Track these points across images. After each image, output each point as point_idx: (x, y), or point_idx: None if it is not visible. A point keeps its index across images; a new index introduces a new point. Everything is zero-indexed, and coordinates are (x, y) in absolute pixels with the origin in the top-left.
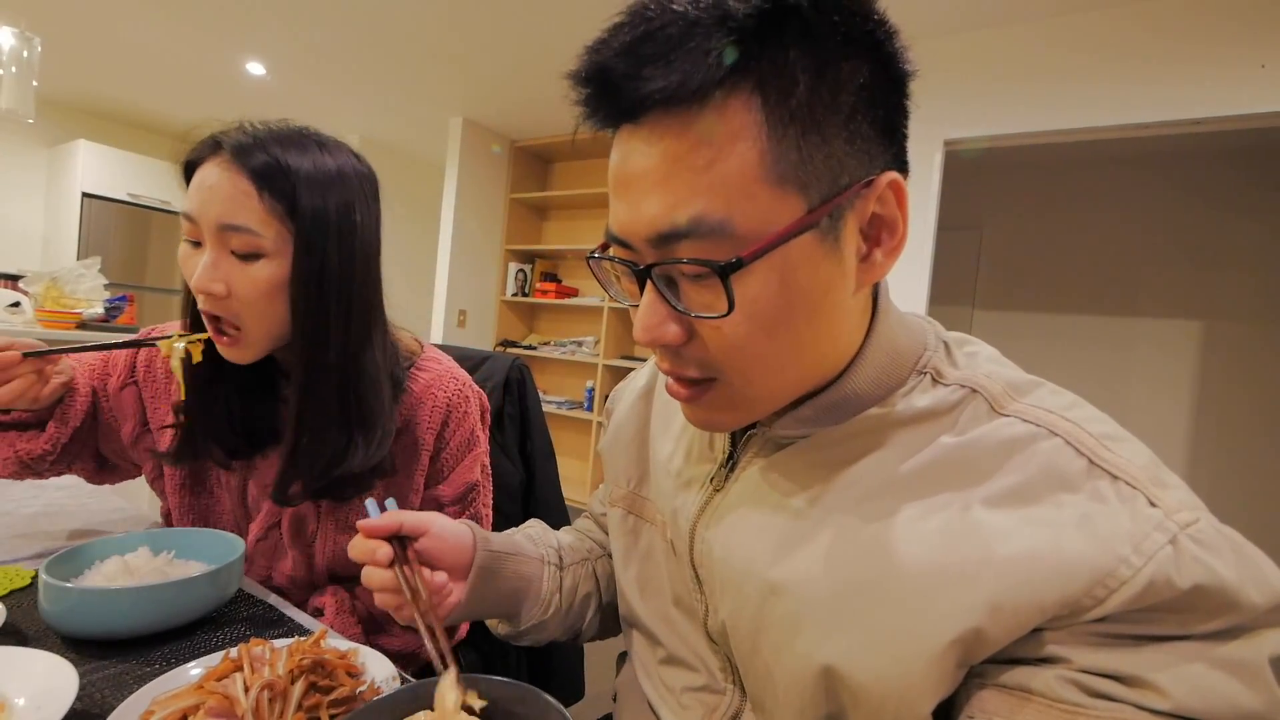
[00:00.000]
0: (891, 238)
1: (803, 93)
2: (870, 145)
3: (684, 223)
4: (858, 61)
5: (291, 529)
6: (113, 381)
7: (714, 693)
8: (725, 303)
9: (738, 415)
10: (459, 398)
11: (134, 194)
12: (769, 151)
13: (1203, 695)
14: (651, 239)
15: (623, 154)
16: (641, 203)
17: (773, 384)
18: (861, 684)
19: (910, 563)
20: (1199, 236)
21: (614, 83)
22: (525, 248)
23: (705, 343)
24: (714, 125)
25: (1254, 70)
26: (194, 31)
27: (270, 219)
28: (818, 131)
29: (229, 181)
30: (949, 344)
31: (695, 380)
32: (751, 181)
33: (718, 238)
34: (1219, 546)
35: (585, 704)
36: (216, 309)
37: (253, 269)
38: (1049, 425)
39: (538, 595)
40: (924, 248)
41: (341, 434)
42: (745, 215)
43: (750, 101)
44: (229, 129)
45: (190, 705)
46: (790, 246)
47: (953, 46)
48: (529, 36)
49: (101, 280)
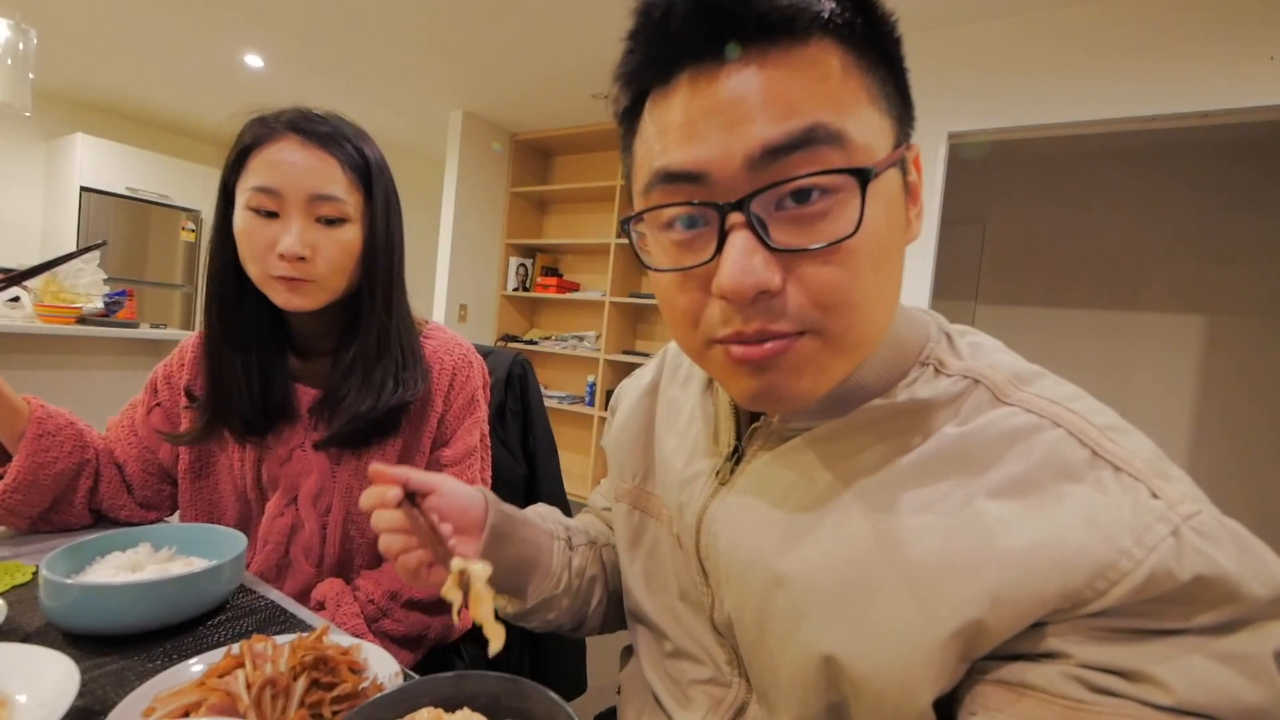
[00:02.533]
0: (915, 204)
1: (872, 54)
2: (904, 112)
3: (801, 130)
4: (884, 45)
5: (309, 501)
6: (139, 415)
7: (720, 685)
8: (848, 223)
9: (824, 379)
10: (463, 361)
11: (133, 188)
12: (868, 84)
13: (1205, 689)
14: (757, 157)
15: (702, 92)
16: (742, 125)
17: (869, 329)
18: (863, 674)
19: (913, 554)
20: (1203, 230)
21: (725, 5)
22: (526, 242)
23: (804, 285)
24: (817, 55)
25: (1262, 62)
26: (192, 24)
27: (352, 189)
28: (881, 77)
29: (315, 157)
30: (951, 335)
31: (782, 336)
32: (860, 103)
33: (834, 150)
34: (1221, 538)
35: (587, 698)
36: (295, 271)
37: (338, 233)
38: (1052, 416)
39: (547, 568)
40: (927, 241)
41: (388, 367)
42: (858, 130)
43: (839, 48)
44: (279, 113)
45: (192, 702)
46: (889, 175)
47: (957, 39)
48: (530, 29)
49: (101, 275)
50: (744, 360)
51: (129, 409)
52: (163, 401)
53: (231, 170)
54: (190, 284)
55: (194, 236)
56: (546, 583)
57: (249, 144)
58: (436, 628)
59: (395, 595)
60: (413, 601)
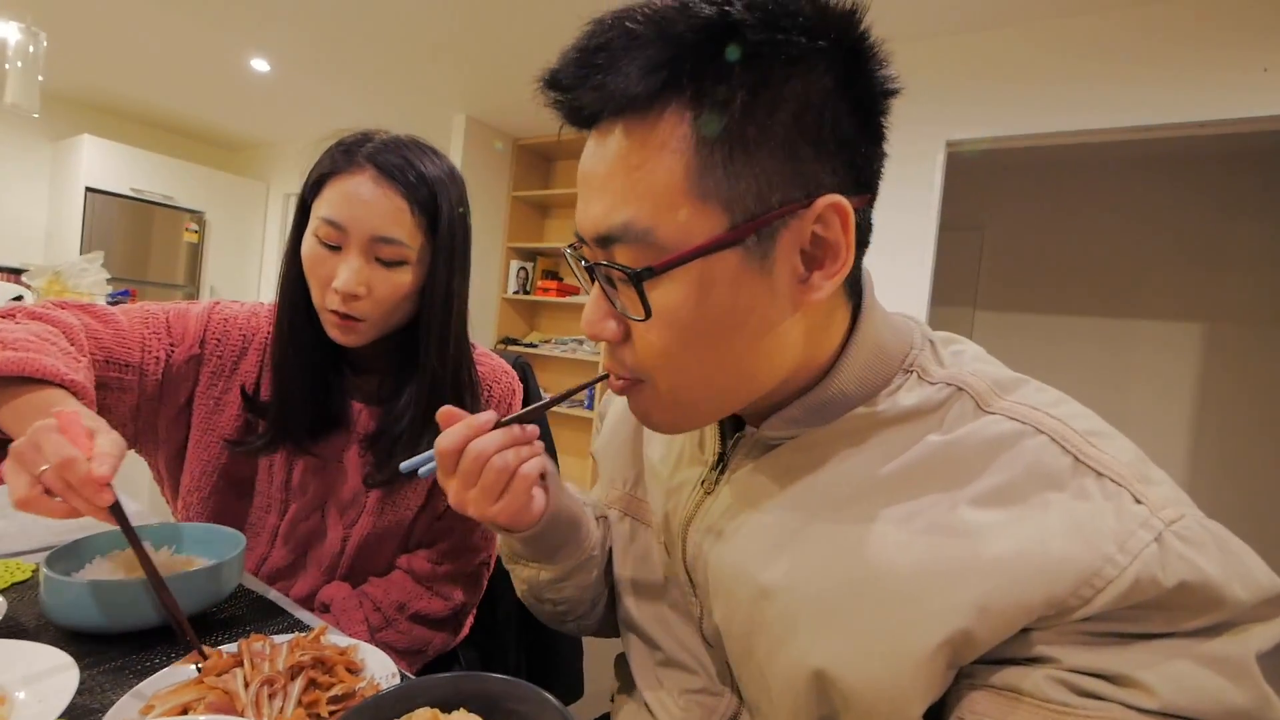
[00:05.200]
0: (834, 261)
1: (736, 110)
2: (811, 166)
3: (616, 226)
4: (804, 81)
5: (337, 511)
6: (179, 351)
7: (712, 695)
8: (644, 309)
9: (671, 417)
10: (507, 390)
11: (137, 189)
12: (694, 166)
13: (1190, 693)
14: (594, 238)
15: (584, 155)
16: (590, 202)
17: (697, 394)
18: (852, 687)
19: (898, 565)
20: (1201, 238)
21: (566, 89)
22: (527, 245)
23: (634, 344)
24: (649, 134)
25: (1256, 74)
26: (198, 27)
27: (417, 233)
28: (747, 150)
29: (385, 198)
30: (935, 342)
31: (624, 378)
32: (675, 193)
33: (644, 245)
34: (1204, 543)
35: (584, 702)
36: (348, 308)
37: (395, 274)
38: (1035, 422)
39: (589, 530)
40: (926, 248)
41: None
42: (667, 226)
43: (683, 115)
44: (365, 139)
45: (190, 700)
46: (710, 261)
47: (956, 47)
48: (532, 33)
49: (104, 275)
50: (611, 387)
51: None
52: (205, 354)
53: (311, 191)
54: (192, 285)
55: (197, 238)
56: (586, 542)
57: (328, 170)
58: (437, 644)
59: (403, 607)
60: (418, 615)
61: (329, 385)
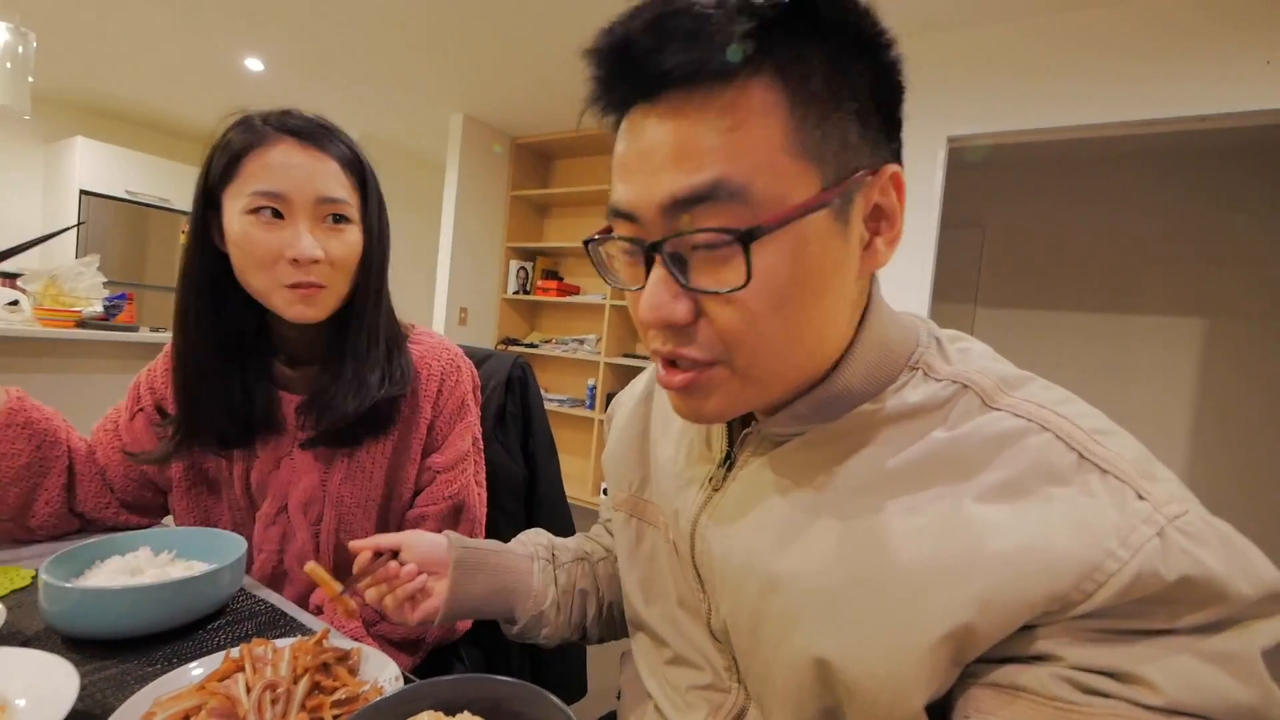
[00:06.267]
0: (891, 228)
1: (819, 81)
2: (878, 137)
3: (704, 185)
4: (866, 62)
5: (300, 509)
6: (123, 420)
7: (719, 691)
8: (741, 274)
9: (732, 402)
10: (450, 366)
11: (132, 191)
12: (791, 127)
13: (1194, 689)
14: (667, 206)
15: (635, 133)
16: (657, 174)
17: (775, 366)
18: (855, 678)
19: (902, 558)
20: (1202, 234)
21: (637, 57)
22: (526, 245)
23: (712, 321)
24: (736, 100)
25: (1259, 67)
26: (192, 27)
27: (354, 191)
28: (834, 116)
29: (316, 160)
30: (941, 340)
31: (695, 363)
32: (775, 151)
33: (736, 205)
34: (1207, 538)
35: (588, 701)
36: (312, 275)
37: (346, 233)
38: (1040, 420)
39: (528, 589)
40: (927, 245)
41: (376, 364)
42: (766, 184)
43: (772, 83)
44: (265, 116)
45: (192, 706)
46: (806, 221)
47: (957, 42)
48: (530, 32)
49: (100, 278)
50: (663, 383)
51: (113, 413)
52: (145, 408)
53: (220, 177)
54: None
55: None
56: (528, 601)
57: (240, 149)
58: (435, 632)
59: None
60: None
61: (249, 381)
